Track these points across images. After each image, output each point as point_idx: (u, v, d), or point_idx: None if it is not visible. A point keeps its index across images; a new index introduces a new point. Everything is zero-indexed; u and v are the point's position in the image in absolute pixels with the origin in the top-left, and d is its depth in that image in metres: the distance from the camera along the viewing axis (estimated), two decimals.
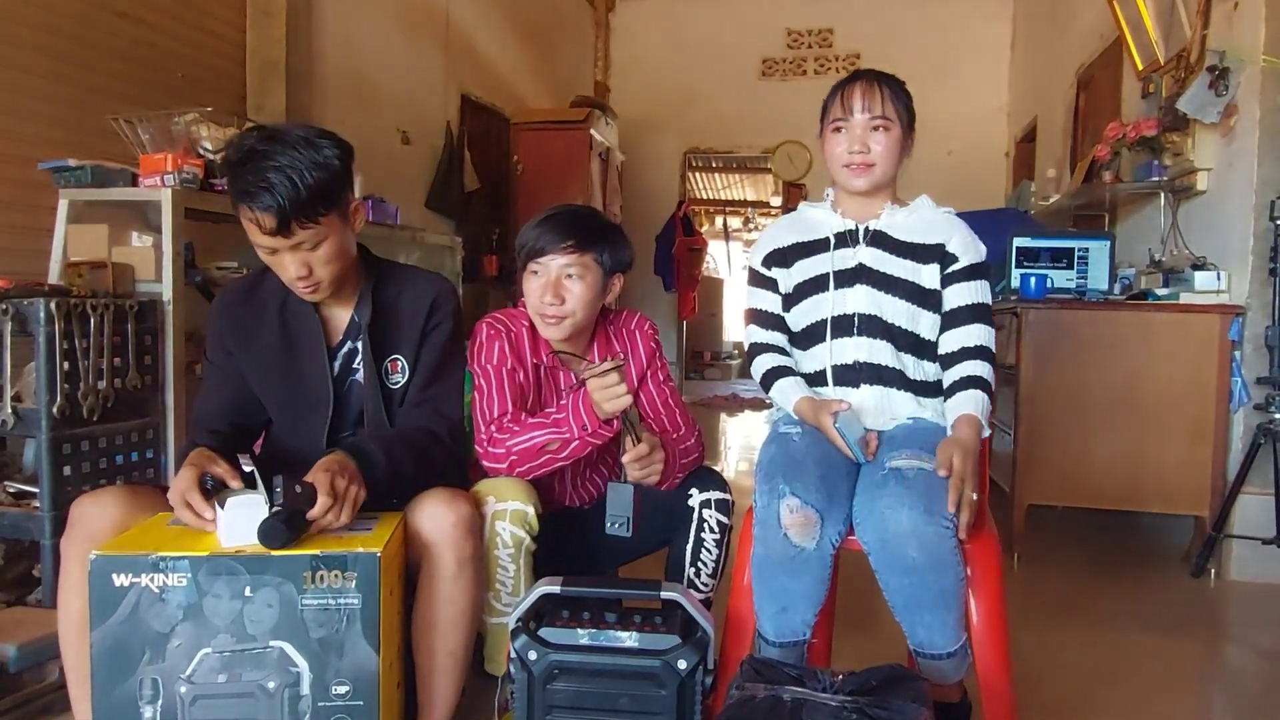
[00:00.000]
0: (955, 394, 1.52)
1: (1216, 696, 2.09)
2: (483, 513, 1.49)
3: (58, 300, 1.91)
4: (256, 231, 1.40)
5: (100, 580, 1.24)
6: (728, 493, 1.63)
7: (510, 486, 1.52)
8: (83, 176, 2.28)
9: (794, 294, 1.65)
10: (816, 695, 1.19)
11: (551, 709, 1.36)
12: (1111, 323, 2.87)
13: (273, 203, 1.36)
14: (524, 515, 1.50)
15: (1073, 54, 4.89)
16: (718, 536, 1.60)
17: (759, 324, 1.69)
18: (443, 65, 5.16)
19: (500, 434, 1.56)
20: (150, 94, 3.11)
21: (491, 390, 1.60)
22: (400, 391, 1.58)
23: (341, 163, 1.44)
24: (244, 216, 1.41)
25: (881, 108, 1.56)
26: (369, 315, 1.56)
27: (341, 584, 1.27)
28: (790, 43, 7.23)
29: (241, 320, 1.56)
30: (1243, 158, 2.81)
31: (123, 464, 2.05)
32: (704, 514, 1.59)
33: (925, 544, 1.31)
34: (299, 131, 1.43)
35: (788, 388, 1.59)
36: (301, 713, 1.28)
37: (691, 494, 1.61)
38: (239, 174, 1.39)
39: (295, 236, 1.40)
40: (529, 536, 1.51)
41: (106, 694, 1.25)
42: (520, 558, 1.51)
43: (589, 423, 1.48)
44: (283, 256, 1.43)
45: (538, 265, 1.62)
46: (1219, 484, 2.77)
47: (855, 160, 1.58)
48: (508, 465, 1.54)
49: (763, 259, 1.69)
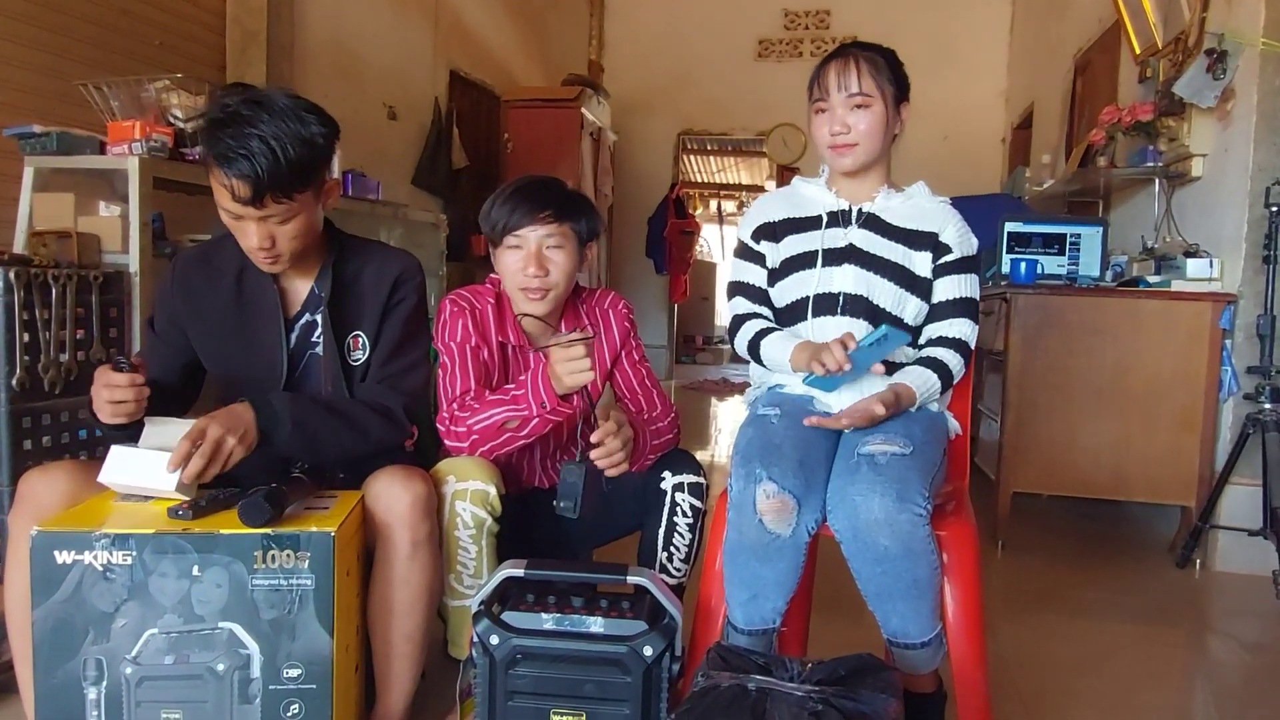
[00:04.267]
0: (910, 366, 1.50)
1: (1198, 688, 2.07)
2: (442, 492, 1.44)
3: (18, 269, 1.85)
4: (226, 197, 1.34)
5: (42, 557, 1.19)
6: (701, 475, 1.59)
7: (471, 466, 1.47)
8: (49, 143, 2.22)
9: (780, 269, 1.60)
10: (783, 685, 1.15)
11: (514, 694, 1.32)
12: (1102, 309, 2.83)
13: (250, 171, 1.30)
14: (485, 495, 1.46)
15: (1071, 38, 4.82)
16: (690, 521, 1.56)
17: (745, 296, 1.63)
18: (432, 40, 5.08)
19: (461, 412, 1.51)
20: (126, 62, 3.03)
21: (455, 368, 1.56)
22: (361, 368, 1.53)
23: (326, 141, 1.39)
24: (216, 180, 1.34)
25: (859, 84, 1.51)
26: (329, 289, 1.50)
27: (294, 564, 1.23)
28: (787, 24, 7.13)
29: (194, 286, 1.50)
30: (1239, 143, 2.76)
31: (85, 439, 2.00)
32: (676, 497, 1.55)
33: (898, 532, 1.27)
34: (285, 101, 1.36)
35: (777, 341, 1.53)
36: (252, 696, 1.24)
37: (664, 476, 1.56)
38: (218, 135, 1.32)
39: (266, 209, 1.35)
40: (491, 517, 1.47)
41: (49, 674, 1.21)
42: (482, 539, 1.47)
43: (547, 399, 1.43)
44: (248, 224, 1.37)
45: (516, 239, 1.57)
46: (1206, 474, 2.74)
47: (838, 141, 1.53)
48: (469, 444, 1.50)
49: (751, 232, 1.64)
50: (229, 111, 1.33)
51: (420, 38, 4.96)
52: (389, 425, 1.48)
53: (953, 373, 1.52)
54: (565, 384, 1.42)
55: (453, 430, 1.52)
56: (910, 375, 1.49)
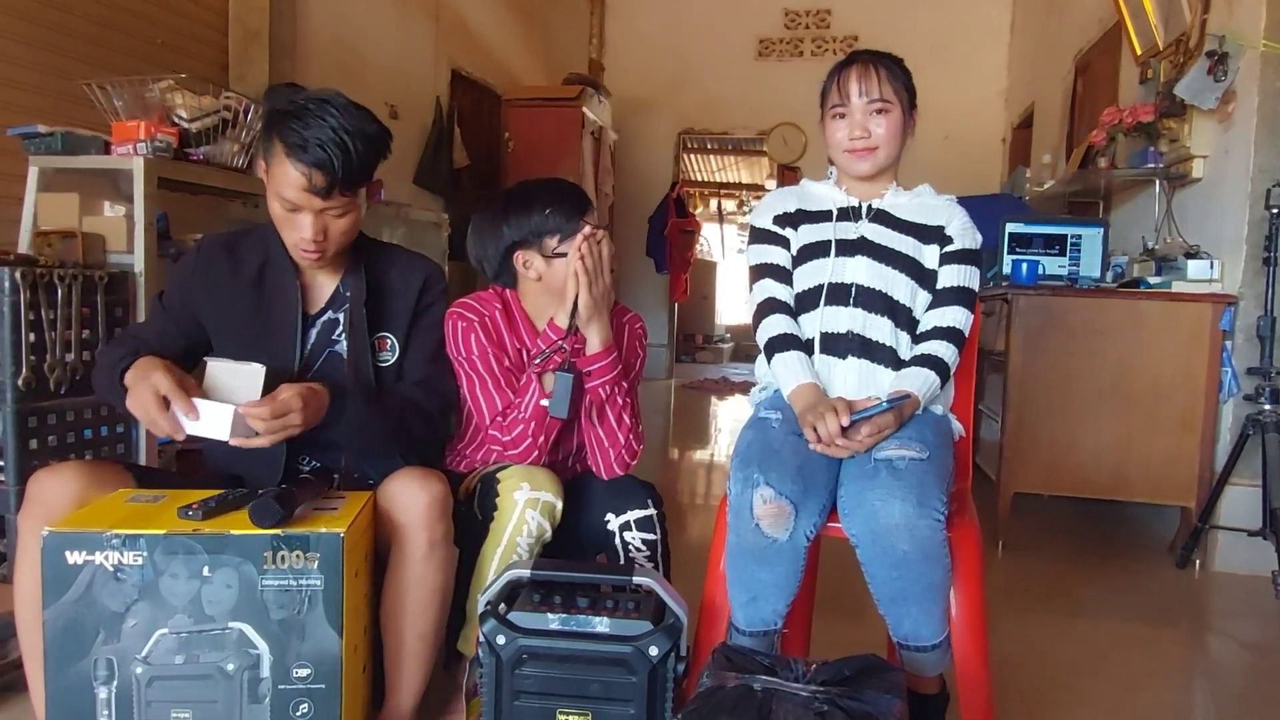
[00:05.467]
0: (908, 368, 1.50)
1: (1198, 688, 2.08)
2: (514, 498, 1.45)
3: (23, 270, 1.86)
4: (293, 187, 1.37)
5: (53, 557, 1.20)
6: (649, 505, 1.56)
7: (544, 477, 1.48)
8: (53, 143, 2.23)
9: (798, 256, 1.60)
10: (788, 685, 1.16)
11: (520, 694, 1.33)
12: (1102, 310, 2.84)
13: (326, 162, 1.36)
14: (553, 509, 1.47)
15: (1072, 39, 4.83)
16: (647, 553, 1.55)
17: (772, 277, 1.59)
18: (433, 39, 5.08)
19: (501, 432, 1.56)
20: (128, 61, 3.03)
21: (489, 386, 1.57)
22: (390, 370, 1.55)
23: (383, 141, 1.46)
24: (284, 169, 1.37)
25: (880, 90, 1.52)
26: (363, 290, 1.53)
27: (303, 564, 1.23)
28: (788, 23, 7.13)
29: (215, 271, 1.51)
30: (1239, 145, 2.77)
31: (91, 438, 2.00)
32: (625, 537, 1.54)
33: (917, 537, 1.28)
34: (343, 99, 1.42)
35: (792, 363, 1.50)
36: (261, 695, 1.24)
37: (609, 519, 1.55)
38: (291, 125, 1.36)
39: (330, 201, 1.40)
40: (550, 529, 1.48)
41: (60, 674, 1.22)
42: (536, 549, 1.48)
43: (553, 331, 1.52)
44: (304, 217, 1.41)
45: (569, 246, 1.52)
46: (1206, 475, 2.75)
47: (857, 146, 1.54)
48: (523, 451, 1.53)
49: (773, 218, 1.63)
50: (297, 105, 1.38)
51: (422, 37, 4.96)
52: (429, 427, 1.53)
53: (948, 365, 1.51)
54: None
55: (502, 440, 1.55)
56: (911, 379, 1.48)
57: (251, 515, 1.22)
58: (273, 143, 1.39)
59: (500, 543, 1.46)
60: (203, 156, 2.37)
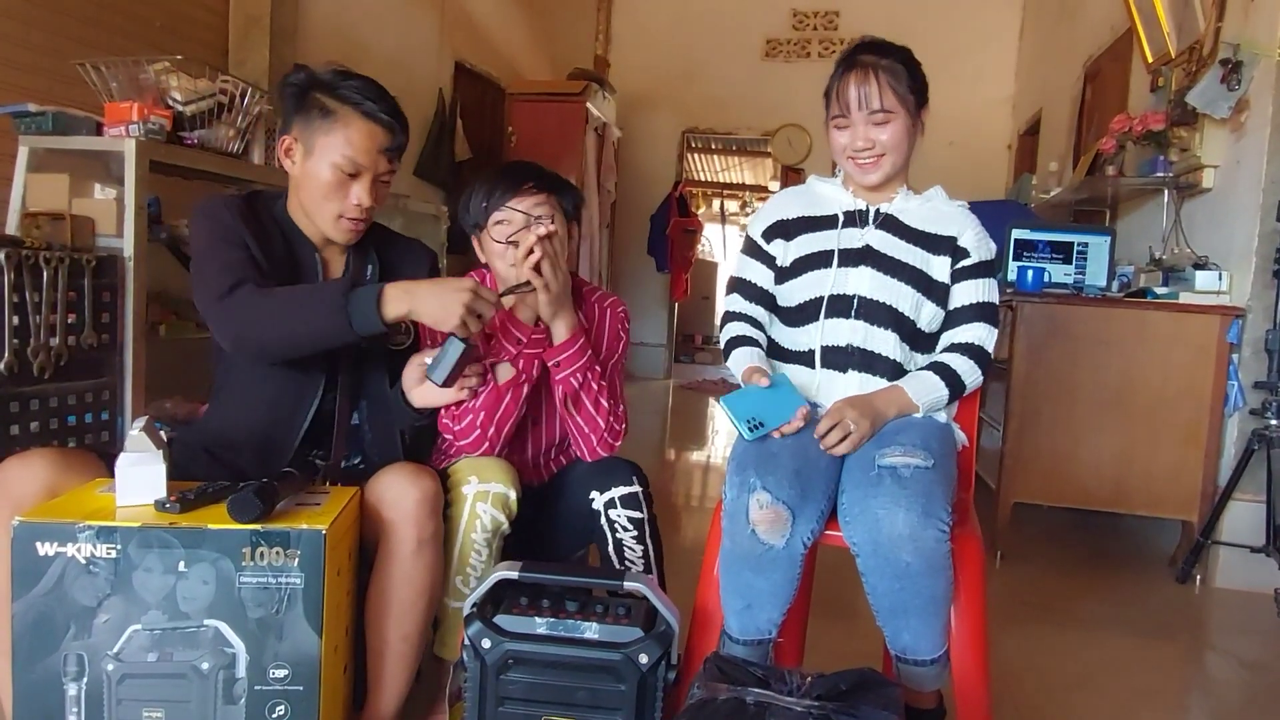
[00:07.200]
0: (915, 372, 1.47)
1: (1197, 705, 2.04)
2: (463, 492, 1.41)
3: (9, 251, 1.82)
4: (364, 147, 1.39)
5: (23, 549, 1.16)
6: (635, 483, 1.51)
7: (494, 467, 1.44)
8: (44, 123, 2.18)
9: (792, 268, 1.55)
10: (782, 699, 1.12)
11: (505, 700, 1.29)
12: (1108, 320, 2.80)
13: (393, 121, 1.41)
14: (505, 499, 1.42)
15: (1082, 45, 4.79)
16: (635, 533, 1.50)
17: (742, 294, 1.60)
18: (437, 30, 5.03)
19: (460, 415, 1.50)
20: (126, 43, 2.98)
21: None
22: (405, 354, 1.51)
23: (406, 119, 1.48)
24: (362, 126, 1.39)
25: (880, 100, 1.46)
26: (378, 270, 1.53)
27: (283, 562, 1.19)
28: (795, 23, 7.08)
29: (250, 220, 1.43)
30: (1252, 155, 2.73)
31: (75, 425, 1.96)
32: (610, 515, 1.50)
33: (921, 549, 1.24)
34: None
35: (741, 357, 1.50)
36: (236, 696, 1.20)
37: (593, 497, 1.51)
38: (351, 86, 1.39)
39: (390, 166, 1.43)
40: (506, 521, 1.43)
41: (28, 669, 1.17)
42: (494, 542, 1.44)
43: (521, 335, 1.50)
44: (362, 182, 1.41)
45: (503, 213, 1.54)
46: (1209, 489, 2.71)
47: (862, 159, 1.50)
48: (473, 441, 1.49)
49: (764, 230, 1.60)
50: (341, 72, 1.42)
51: (426, 27, 4.92)
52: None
53: (964, 380, 1.47)
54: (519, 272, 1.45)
55: (453, 429, 1.50)
56: (912, 381, 1.45)
57: (230, 509, 1.18)
58: (330, 108, 1.39)
59: (456, 540, 1.42)
60: (197, 141, 2.33)
